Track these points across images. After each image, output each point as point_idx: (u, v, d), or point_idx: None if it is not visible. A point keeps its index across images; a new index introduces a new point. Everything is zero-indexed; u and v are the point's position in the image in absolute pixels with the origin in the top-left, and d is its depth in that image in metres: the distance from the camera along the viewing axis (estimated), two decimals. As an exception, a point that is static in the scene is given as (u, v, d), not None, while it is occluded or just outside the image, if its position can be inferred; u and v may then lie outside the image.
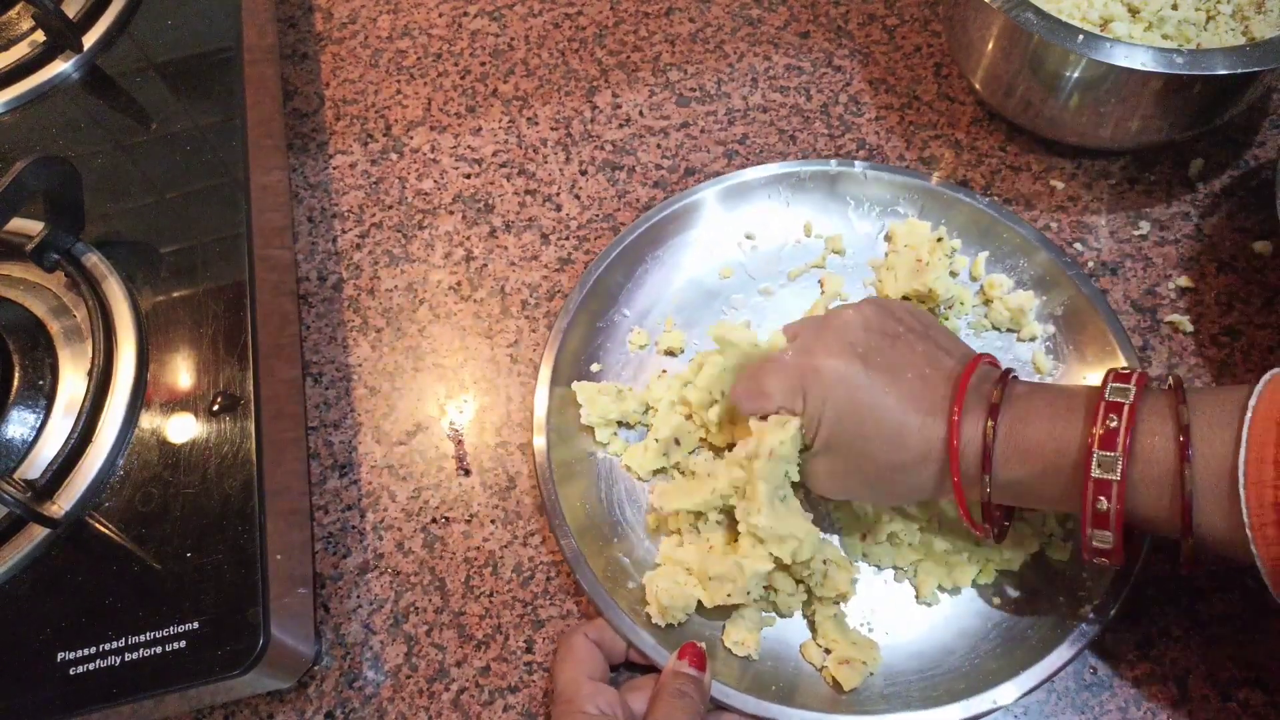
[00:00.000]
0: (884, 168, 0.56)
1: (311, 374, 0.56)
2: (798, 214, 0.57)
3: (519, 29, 0.68)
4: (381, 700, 0.47)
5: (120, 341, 0.48)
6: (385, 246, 0.60)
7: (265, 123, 0.58)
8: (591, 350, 0.53)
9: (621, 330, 0.54)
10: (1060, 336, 0.52)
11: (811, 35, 0.66)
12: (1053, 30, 0.50)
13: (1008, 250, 0.54)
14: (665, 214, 0.55)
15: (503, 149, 0.63)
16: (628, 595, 0.46)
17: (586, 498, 0.49)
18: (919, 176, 0.56)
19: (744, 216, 0.57)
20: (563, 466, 0.49)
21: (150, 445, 0.45)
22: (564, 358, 0.52)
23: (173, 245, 0.51)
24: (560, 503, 0.48)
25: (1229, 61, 0.48)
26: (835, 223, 0.57)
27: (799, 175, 0.56)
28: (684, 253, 0.56)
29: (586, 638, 0.44)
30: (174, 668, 0.40)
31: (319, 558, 0.50)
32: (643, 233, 0.55)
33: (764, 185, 0.57)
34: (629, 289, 0.55)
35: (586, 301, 0.53)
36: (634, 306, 0.55)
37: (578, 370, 0.52)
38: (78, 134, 0.56)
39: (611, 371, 0.53)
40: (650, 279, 0.55)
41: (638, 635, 0.44)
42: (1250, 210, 0.57)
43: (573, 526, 0.47)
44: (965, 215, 0.55)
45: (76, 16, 0.59)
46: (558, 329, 0.52)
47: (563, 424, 0.51)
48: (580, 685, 0.41)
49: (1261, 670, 0.44)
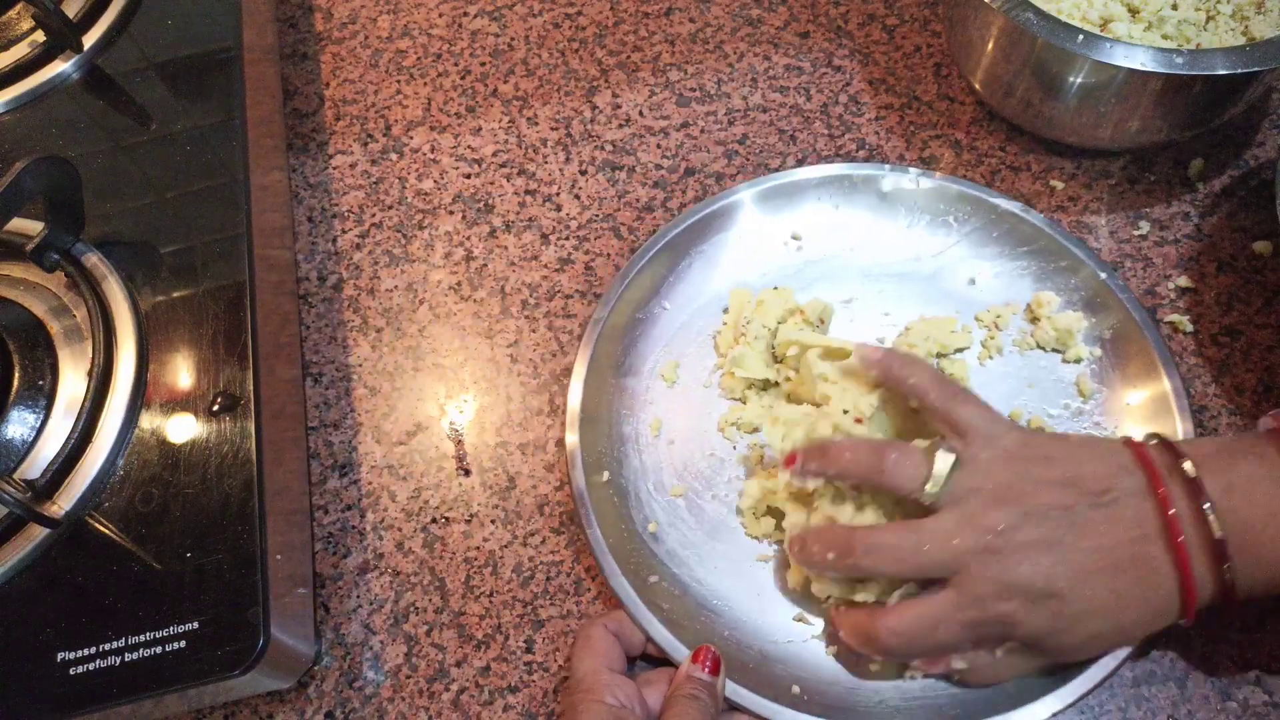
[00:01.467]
0: (938, 176, 0.56)
1: (311, 374, 0.56)
2: (845, 218, 0.56)
3: (519, 29, 0.68)
4: (381, 700, 0.47)
5: (120, 341, 0.48)
6: (385, 246, 0.60)
7: (265, 123, 0.58)
8: (628, 342, 0.53)
9: (661, 322, 0.54)
10: (1106, 360, 0.51)
11: (811, 35, 0.66)
12: (1052, 30, 0.50)
13: (1058, 268, 0.53)
14: (710, 210, 0.55)
15: (503, 149, 0.63)
16: (649, 590, 0.46)
17: (613, 491, 0.49)
18: (974, 187, 0.55)
19: (788, 217, 0.57)
20: (592, 454, 0.49)
21: (150, 445, 0.45)
22: (601, 348, 0.52)
23: (173, 245, 0.51)
24: (588, 494, 0.48)
25: (1229, 61, 0.48)
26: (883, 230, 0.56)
27: (851, 178, 0.56)
28: (727, 249, 0.56)
29: (606, 629, 0.44)
30: (174, 668, 0.40)
31: (319, 558, 0.50)
32: (686, 227, 0.55)
33: (814, 187, 0.56)
34: (671, 281, 0.55)
35: (627, 295, 0.53)
36: (674, 299, 0.55)
37: (614, 362, 0.53)
38: (78, 134, 0.56)
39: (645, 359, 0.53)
40: (692, 273, 0.55)
41: (656, 630, 0.44)
42: (1250, 210, 0.57)
43: (597, 518, 0.47)
44: (1016, 228, 0.54)
45: (76, 16, 0.59)
46: (596, 318, 0.52)
47: (596, 410, 0.51)
48: (600, 675, 0.41)
49: (1261, 670, 0.44)
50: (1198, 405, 0.50)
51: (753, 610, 0.47)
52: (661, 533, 0.49)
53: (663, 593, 0.46)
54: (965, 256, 0.55)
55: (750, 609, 0.47)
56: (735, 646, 0.45)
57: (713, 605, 0.47)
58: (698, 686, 0.41)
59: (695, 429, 0.52)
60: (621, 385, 0.52)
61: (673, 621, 0.45)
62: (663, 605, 0.45)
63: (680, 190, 0.60)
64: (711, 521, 0.49)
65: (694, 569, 0.48)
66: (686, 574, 0.48)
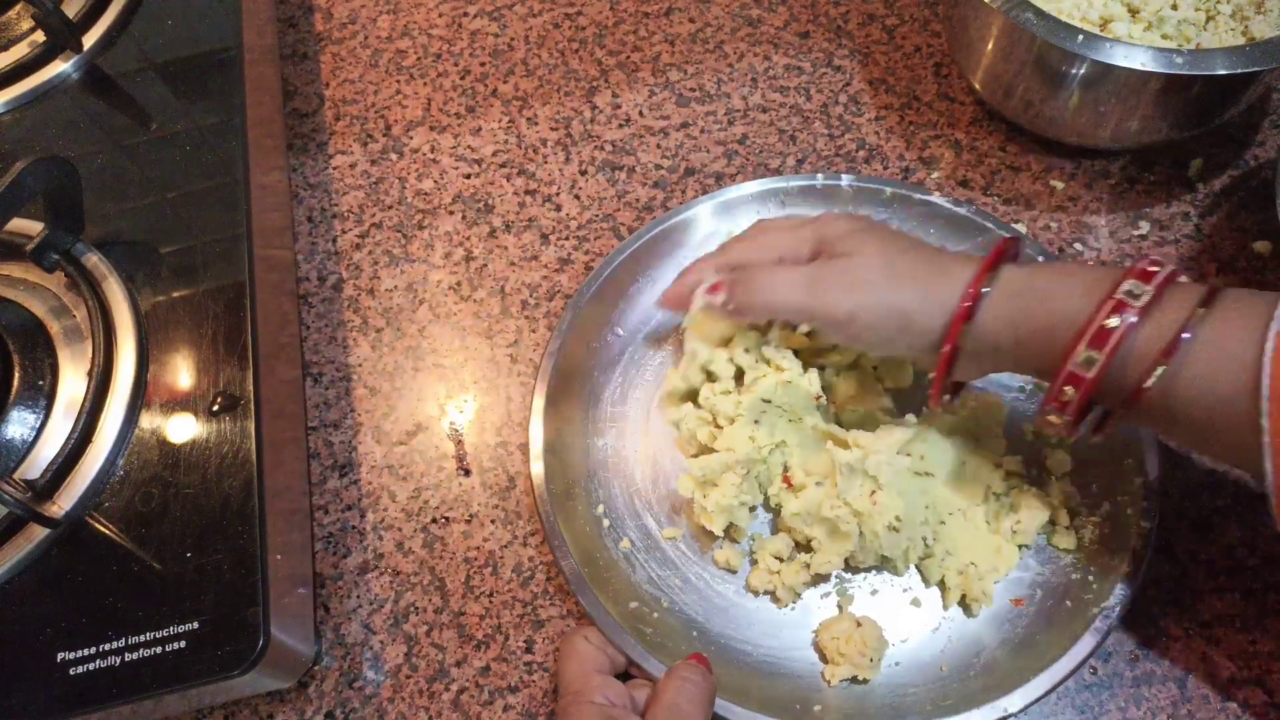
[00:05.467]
0: (871, 179, 0.56)
1: (311, 374, 0.56)
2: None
3: (519, 29, 0.68)
4: (381, 700, 0.47)
5: (120, 341, 0.48)
6: (385, 246, 0.60)
7: (265, 123, 0.58)
8: (585, 370, 0.53)
9: (615, 349, 0.54)
10: None
11: (811, 35, 0.66)
12: (1053, 30, 0.50)
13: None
14: (654, 233, 0.55)
15: (503, 149, 0.63)
16: (630, 615, 0.46)
17: (586, 518, 0.49)
18: (907, 187, 0.56)
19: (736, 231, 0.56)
20: (561, 489, 0.49)
21: (150, 445, 0.45)
22: (558, 380, 0.51)
23: (173, 245, 0.51)
24: (560, 526, 0.47)
25: (1229, 61, 0.48)
26: None
27: (787, 190, 0.56)
28: (671, 271, 0.55)
29: (587, 639, 0.44)
30: (174, 668, 0.40)
31: (319, 558, 0.50)
32: (632, 253, 0.55)
33: (754, 200, 0.56)
34: (621, 309, 0.55)
35: (576, 324, 0.53)
36: (626, 325, 0.55)
37: (573, 392, 0.52)
38: (78, 134, 0.56)
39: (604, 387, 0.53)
40: (643, 298, 0.55)
41: (638, 652, 0.44)
42: (1250, 210, 0.57)
43: (573, 548, 0.47)
44: (953, 225, 0.54)
45: (76, 16, 0.59)
46: (550, 351, 0.52)
47: (561, 446, 0.50)
48: (589, 678, 0.41)
49: (1261, 670, 0.44)
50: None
51: (732, 629, 0.47)
52: (637, 558, 0.49)
53: (644, 617, 0.46)
54: None
55: (729, 628, 0.47)
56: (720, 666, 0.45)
57: (697, 625, 0.47)
58: (691, 669, 0.41)
59: (659, 453, 0.51)
60: (583, 416, 0.52)
61: (655, 644, 0.45)
62: (645, 630, 0.45)
63: (680, 190, 0.60)
64: (684, 545, 0.49)
65: (673, 594, 0.48)
66: (666, 598, 0.47)
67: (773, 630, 0.47)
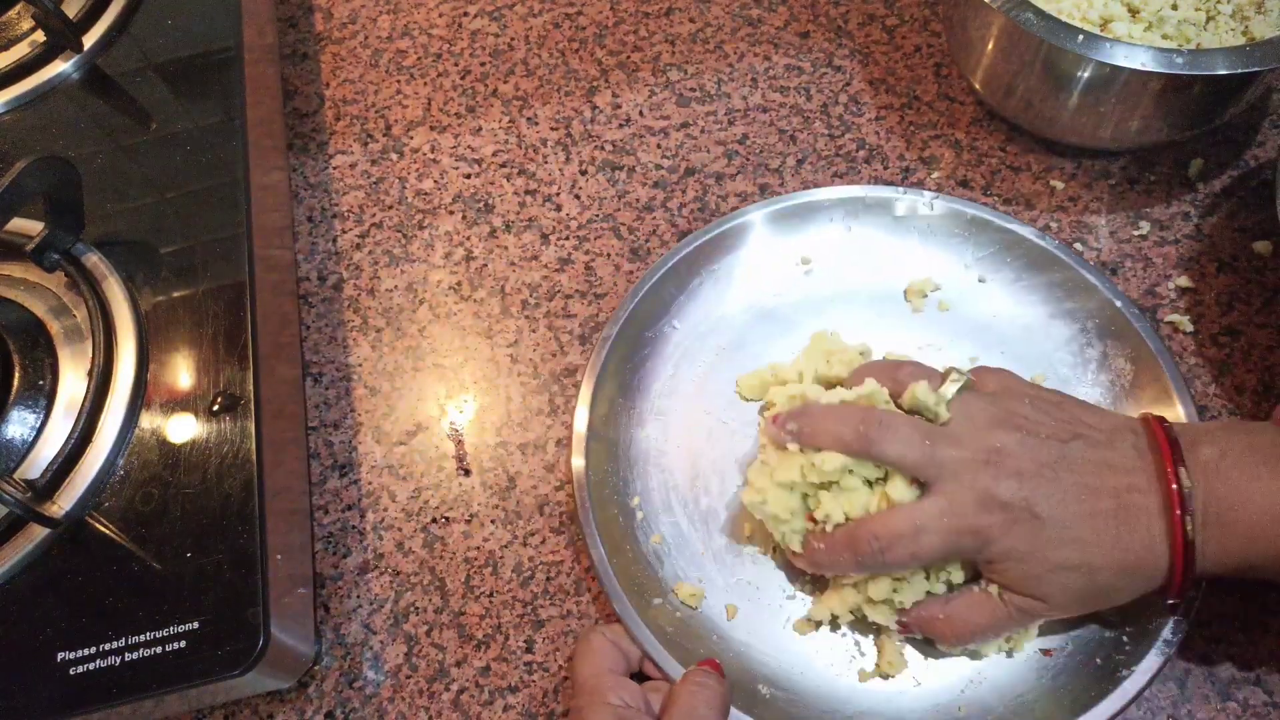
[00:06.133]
0: (956, 200, 0.54)
1: (311, 374, 0.56)
2: (857, 239, 0.56)
3: (519, 29, 0.68)
4: (381, 700, 0.47)
5: (120, 341, 0.48)
6: (385, 246, 0.60)
7: (265, 123, 0.58)
8: (637, 360, 0.53)
9: (671, 341, 0.54)
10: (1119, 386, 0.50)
11: (811, 35, 0.66)
12: (1052, 30, 0.50)
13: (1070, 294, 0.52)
14: (720, 230, 0.55)
15: (503, 149, 0.63)
16: (650, 609, 0.46)
17: (621, 508, 0.49)
18: (990, 212, 0.54)
19: (800, 239, 0.56)
20: (599, 477, 0.49)
21: (150, 445, 0.45)
22: (608, 367, 0.51)
23: (173, 245, 0.51)
24: (593, 514, 0.47)
25: (1229, 61, 0.48)
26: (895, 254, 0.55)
27: (865, 200, 0.55)
28: (736, 269, 0.55)
29: (605, 636, 0.43)
30: (174, 668, 0.40)
31: (319, 558, 0.50)
32: (698, 246, 0.54)
33: (825, 209, 0.55)
34: (681, 300, 0.54)
35: (636, 312, 0.52)
36: (684, 319, 0.54)
37: (621, 382, 0.52)
38: (78, 134, 0.56)
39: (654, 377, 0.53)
40: (704, 292, 0.55)
41: (656, 650, 0.44)
42: (1250, 210, 0.57)
43: (602, 537, 0.47)
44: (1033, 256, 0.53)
45: (76, 16, 0.59)
46: (604, 336, 0.51)
47: (604, 433, 0.50)
48: (603, 678, 0.41)
49: (1261, 670, 0.44)
50: (1198, 405, 0.50)
51: (759, 635, 0.46)
52: (667, 554, 0.48)
53: (666, 615, 0.46)
54: (975, 283, 0.54)
55: (751, 637, 0.46)
56: (740, 672, 0.45)
57: (720, 629, 0.46)
58: (704, 676, 0.41)
59: (704, 451, 0.51)
60: (629, 405, 0.52)
61: (674, 644, 0.44)
62: (666, 628, 0.45)
63: (680, 190, 0.60)
64: (718, 546, 0.49)
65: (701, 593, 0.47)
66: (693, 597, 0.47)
67: (795, 644, 0.46)
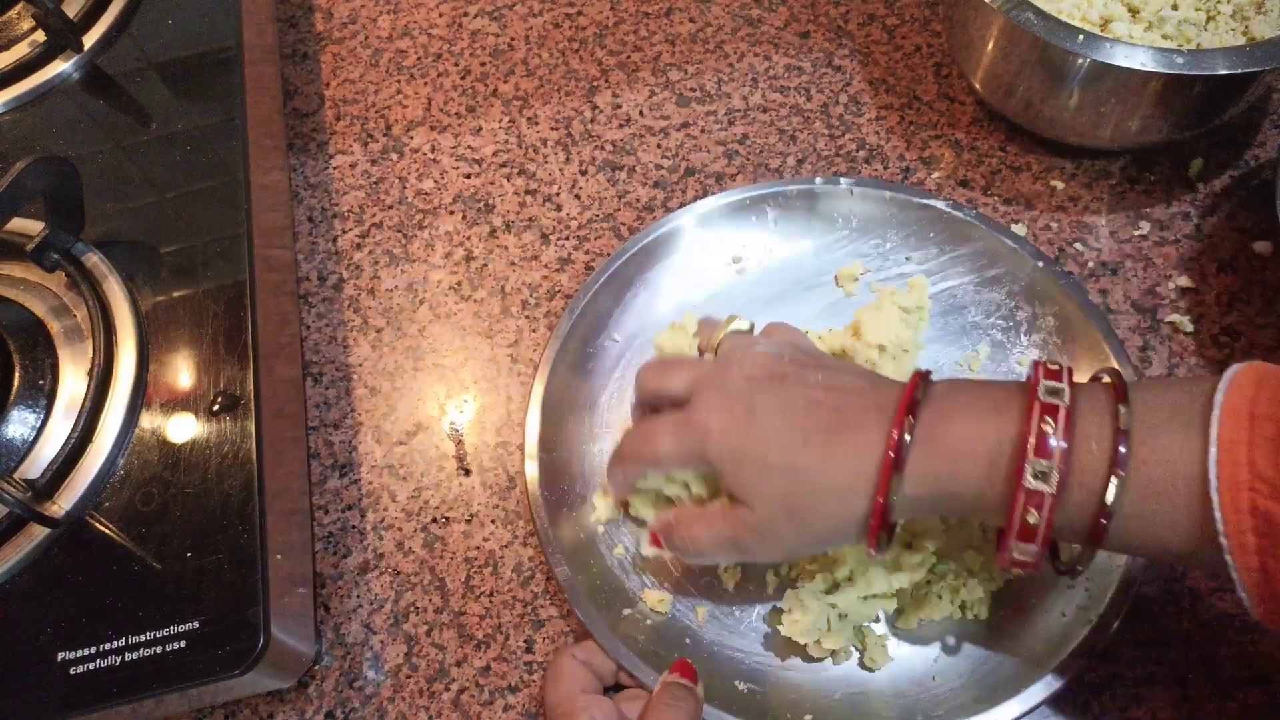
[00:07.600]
0: (871, 182, 0.55)
1: (311, 374, 0.56)
2: (785, 232, 0.56)
3: (519, 29, 0.68)
4: (381, 700, 0.47)
5: (120, 341, 0.48)
6: (385, 246, 0.60)
7: (265, 123, 0.58)
8: (582, 376, 0.53)
9: (612, 355, 0.54)
10: (1052, 346, 0.51)
11: (811, 35, 0.66)
12: (1053, 30, 0.50)
13: (993, 261, 0.53)
14: (650, 239, 0.55)
15: (503, 149, 0.63)
16: (621, 621, 0.46)
17: (581, 524, 0.49)
18: (907, 190, 0.55)
19: (730, 239, 0.56)
20: (557, 495, 0.49)
21: (150, 445, 0.45)
22: (555, 384, 0.51)
23: (173, 245, 0.51)
24: (553, 533, 0.47)
25: (1229, 61, 0.48)
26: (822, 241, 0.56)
27: (785, 194, 0.56)
28: (669, 275, 0.55)
29: (575, 658, 0.43)
30: (174, 668, 0.40)
31: (319, 558, 0.50)
32: (628, 258, 0.54)
33: (751, 205, 0.56)
34: (618, 314, 0.54)
35: (575, 327, 0.53)
36: (623, 330, 0.54)
37: (570, 396, 0.52)
38: (78, 134, 0.56)
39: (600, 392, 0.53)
40: (639, 303, 0.55)
41: (630, 660, 0.44)
42: (1250, 210, 0.57)
43: (566, 554, 0.47)
44: (953, 229, 0.54)
45: (76, 16, 0.59)
46: (547, 356, 0.52)
47: (557, 450, 0.50)
48: (574, 700, 0.41)
49: (1261, 670, 0.44)
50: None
51: (724, 637, 0.46)
52: (631, 565, 0.48)
53: (637, 624, 0.46)
54: (903, 261, 0.55)
55: (721, 634, 0.46)
56: (716, 671, 0.45)
57: (692, 631, 0.46)
58: (678, 690, 0.41)
59: None
60: (579, 419, 0.52)
61: (648, 652, 0.44)
62: (638, 637, 0.45)
63: (680, 190, 0.60)
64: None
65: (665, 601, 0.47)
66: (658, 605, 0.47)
67: (765, 638, 0.46)
